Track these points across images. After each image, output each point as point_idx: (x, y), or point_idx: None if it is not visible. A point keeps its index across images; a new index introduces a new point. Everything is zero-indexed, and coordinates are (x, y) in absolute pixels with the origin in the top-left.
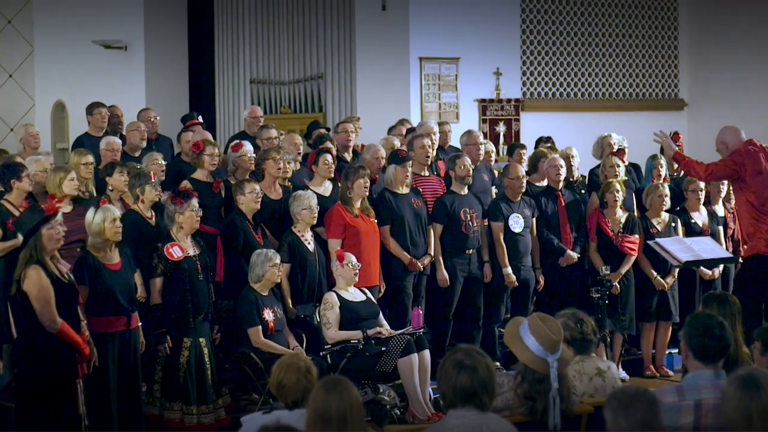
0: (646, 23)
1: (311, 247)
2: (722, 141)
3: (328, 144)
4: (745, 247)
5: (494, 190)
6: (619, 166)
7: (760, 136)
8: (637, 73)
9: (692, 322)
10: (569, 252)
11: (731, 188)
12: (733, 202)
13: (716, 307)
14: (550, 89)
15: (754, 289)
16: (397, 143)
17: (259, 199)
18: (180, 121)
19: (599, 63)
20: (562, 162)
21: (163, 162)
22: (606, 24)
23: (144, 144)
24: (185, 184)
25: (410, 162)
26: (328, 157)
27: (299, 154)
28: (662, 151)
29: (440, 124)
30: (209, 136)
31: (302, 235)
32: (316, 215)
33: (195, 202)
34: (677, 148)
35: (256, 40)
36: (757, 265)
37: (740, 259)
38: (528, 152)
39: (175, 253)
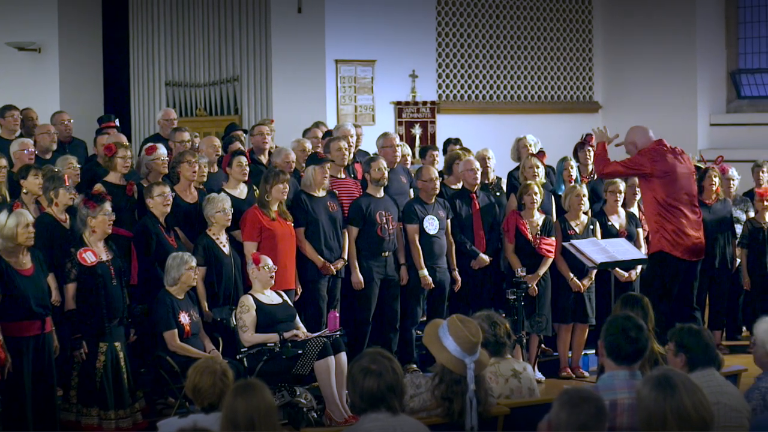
0: (561, 26)
1: (226, 249)
2: (631, 141)
3: (237, 145)
4: (649, 242)
5: (412, 192)
6: (538, 167)
7: (672, 137)
8: (553, 75)
9: (610, 323)
10: (482, 255)
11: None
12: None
13: (628, 307)
14: (465, 92)
15: (657, 279)
16: (308, 146)
17: (169, 202)
18: (96, 122)
19: (515, 66)
20: (477, 164)
21: (78, 165)
22: (521, 27)
23: (54, 146)
24: (98, 187)
25: (329, 164)
26: (243, 159)
27: (217, 156)
28: (575, 153)
29: (355, 126)
30: (123, 139)
31: (217, 238)
32: (230, 218)
33: (108, 205)
34: (608, 141)
35: (172, 42)
36: (660, 262)
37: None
38: (440, 154)
39: (88, 258)
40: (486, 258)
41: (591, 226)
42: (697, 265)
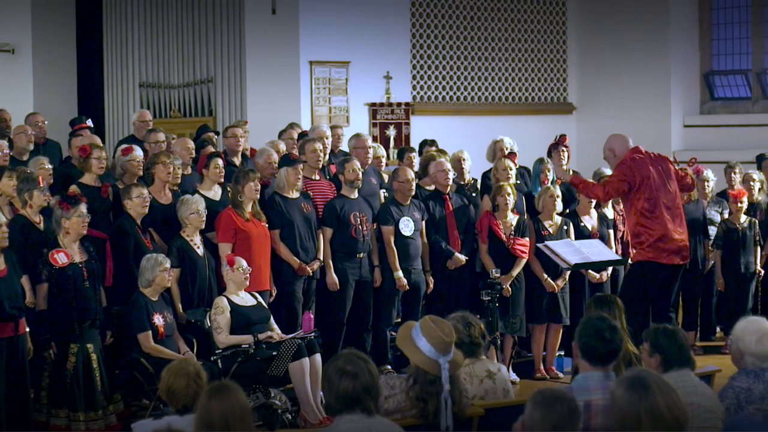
0: (536, 28)
1: (200, 251)
2: (609, 148)
3: (210, 148)
4: (633, 251)
5: (383, 193)
6: (511, 168)
7: (646, 139)
8: (527, 77)
9: (584, 324)
10: (457, 255)
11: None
12: (622, 204)
13: (600, 309)
14: (440, 93)
15: (640, 292)
16: (283, 147)
17: (147, 204)
18: (69, 124)
19: (489, 67)
20: (449, 166)
21: (50, 166)
22: (496, 29)
23: (31, 147)
24: (74, 189)
25: (302, 165)
26: (219, 161)
27: (191, 158)
28: (549, 154)
29: (332, 127)
30: (97, 140)
31: (191, 240)
32: (204, 219)
33: (83, 207)
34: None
35: (146, 43)
36: (643, 270)
37: (629, 261)
38: (416, 155)
39: (59, 259)
40: (462, 257)
41: (564, 227)
42: (680, 269)
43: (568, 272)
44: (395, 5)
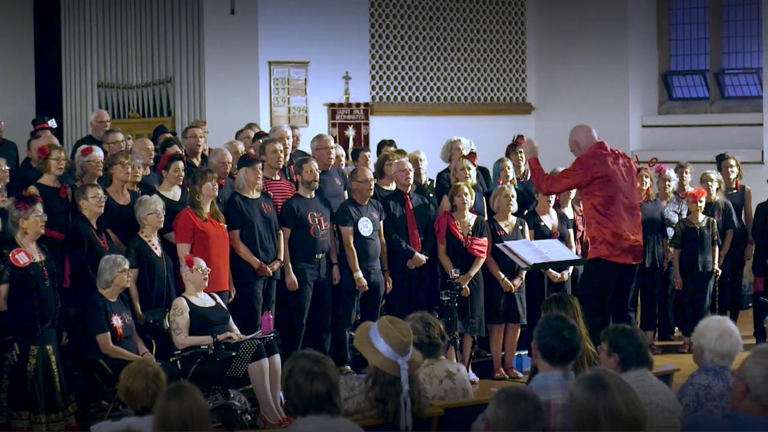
0: (494, 28)
1: (158, 251)
2: (574, 140)
3: (177, 149)
4: (589, 249)
5: (347, 194)
6: (470, 168)
7: (605, 138)
8: (486, 77)
9: (544, 323)
10: (417, 254)
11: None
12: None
13: (555, 308)
14: (399, 93)
15: (594, 290)
16: (241, 147)
17: (102, 204)
18: (32, 124)
19: (448, 67)
20: (410, 166)
21: (7, 168)
22: (454, 29)
23: None
24: (32, 189)
25: (260, 164)
26: (180, 164)
27: (151, 158)
28: (507, 154)
29: (291, 128)
30: (56, 141)
31: (149, 240)
32: (163, 220)
33: (39, 207)
34: (534, 154)
35: (104, 43)
36: (598, 268)
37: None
38: (372, 155)
39: (21, 259)
40: (422, 257)
41: (520, 227)
42: (635, 268)
43: (525, 272)
44: (354, 6)
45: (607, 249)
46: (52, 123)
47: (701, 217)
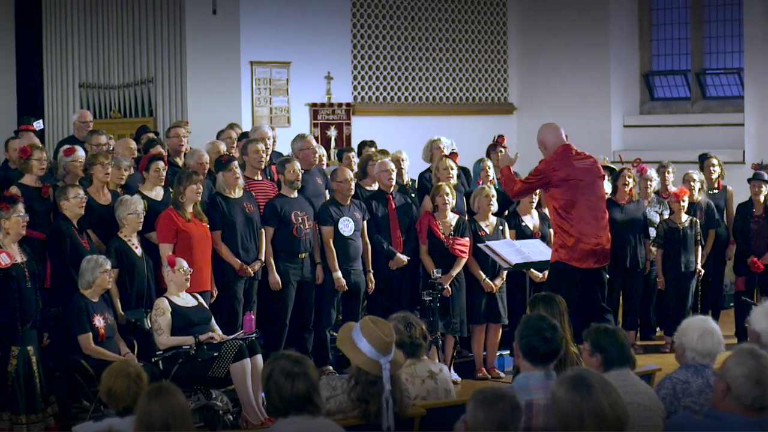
0: (476, 28)
1: (139, 251)
2: (541, 141)
3: (160, 149)
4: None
5: (328, 193)
6: (452, 168)
7: (587, 139)
8: (468, 77)
9: (525, 323)
10: (399, 255)
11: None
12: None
13: (543, 307)
14: (381, 93)
15: (559, 293)
16: (223, 148)
17: (84, 204)
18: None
19: (430, 67)
20: (392, 166)
21: None
22: (436, 29)
23: None
24: (13, 189)
25: (235, 163)
26: (160, 164)
27: (134, 158)
28: (488, 154)
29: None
30: (37, 141)
31: (129, 240)
32: (142, 220)
33: (21, 207)
34: (509, 163)
35: (85, 43)
36: (557, 272)
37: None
38: (355, 156)
39: (2, 260)
40: (404, 258)
41: (500, 227)
42: (599, 271)
43: (506, 272)
44: (336, 6)
45: (567, 253)
46: (38, 125)
47: (684, 217)
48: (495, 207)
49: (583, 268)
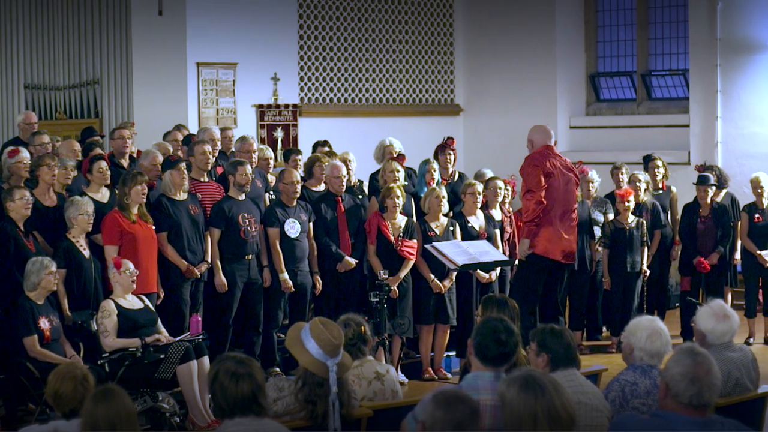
0: (423, 30)
1: (86, 253)
2: (530, 139)
3: (98, 150)
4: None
5: (267, 196)
6: (399, 170)
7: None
8: (414, 78)
9: (483, 323)
10: (347, 258)
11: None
12: (508, 206)
13: (495, 309)
14: (327, 95)
15: (528, 287)
16: (170, 149)
17: (30, 206)
18: None
19: (377, 69)
20: (344, 171)
21: None
22: (383, 30)
23: None
24: None
25: (183, 164)
26: (103, 164)
27: (78, 160)
28: (435, 155)
29: (223, 129)
30: None
31: (77, 241)
32: (92, 221)
33: None
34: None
35: (31, 44)
36: (532, 264)
37: (516, 262)
38: (305, 157)
39: None
40: (352, 261)
41: (451, 228)
42: (565, 269)
43: (455, 273)
44: (282, 7)
45: (543, 246)
46: None
47: (630, 218)
48: (446, 208)
49: (554, 261)
